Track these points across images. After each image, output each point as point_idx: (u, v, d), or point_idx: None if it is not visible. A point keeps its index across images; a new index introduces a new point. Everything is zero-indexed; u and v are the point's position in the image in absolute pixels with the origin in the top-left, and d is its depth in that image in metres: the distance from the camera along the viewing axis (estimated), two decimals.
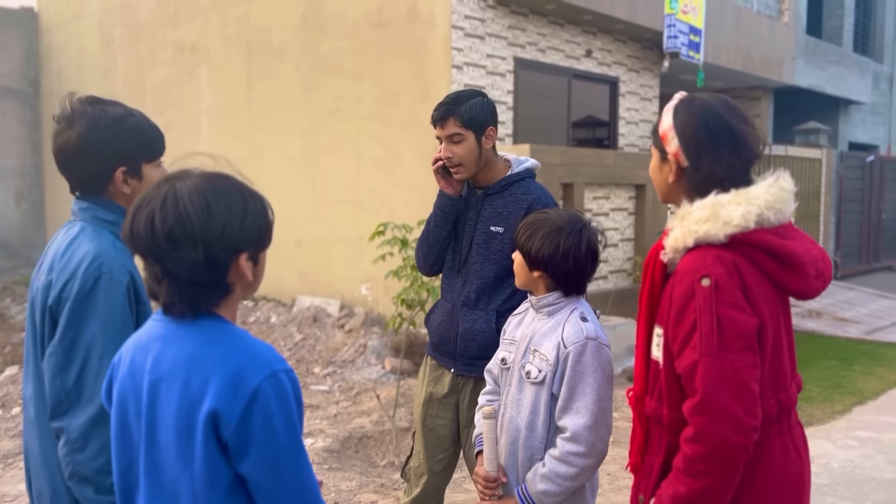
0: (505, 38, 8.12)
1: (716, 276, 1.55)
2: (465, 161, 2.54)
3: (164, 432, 1.28)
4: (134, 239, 1.28)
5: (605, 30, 9.32)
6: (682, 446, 1.54)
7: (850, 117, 15.21)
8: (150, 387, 1.30)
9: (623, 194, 8.14)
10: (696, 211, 1.60)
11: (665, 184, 1.72)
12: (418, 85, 7.81)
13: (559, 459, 1.92)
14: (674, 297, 1.59)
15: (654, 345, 1.68)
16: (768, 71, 11.74)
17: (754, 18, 11.42)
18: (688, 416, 1.53)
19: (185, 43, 10.64)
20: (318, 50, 8.75)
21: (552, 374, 1.96)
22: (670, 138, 1.67)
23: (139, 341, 1.35)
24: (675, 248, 1.63)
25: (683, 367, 1.55)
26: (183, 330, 1.30)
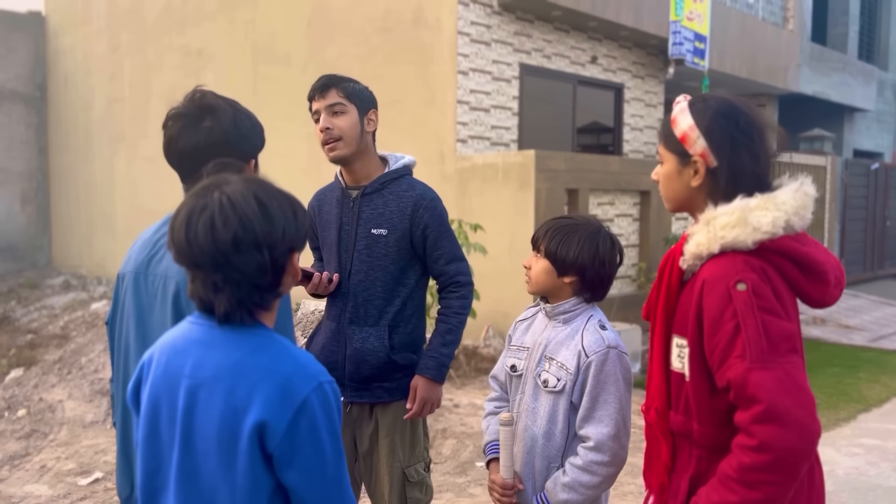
0: (510, 45, 8.14)
1: (751, 281, 1.49)
2: (345, 135, 2.36)
3: (203, 439, 1.26)
4: (192, 248, 1.25)
5: (611, 36, 9.34)
6: (739, 454, 1.44)
7: (854, 125, 15.20)
8: (189, 391, 1.28)
9: (628, 200, 8.15)
10: (723, 216, 1.53)
11: (685, 189, 1.62)
12: (424, 90, 7.83)
13: (582, 469, 1.91)
14: (706, 306, 1.51)
15: (675, 356, 1.61)
16: (773, 78, 11.75)
17: (759, 25, 11.43)
18: (747, 427, 1.44)
19: (191, 47, 10.68)
20: (324, 55, 8.78)
21: (572, 383, 1.95)
22: (694, 139, 1.58)
23: (175, 344, 1.32)
24: (698, 255, 1.56)
25: (733, 378, 1.45)
26: (227, 336, 1.29)
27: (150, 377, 1.33)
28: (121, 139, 12.05)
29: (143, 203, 11.56)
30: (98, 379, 6.55)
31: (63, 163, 13.42)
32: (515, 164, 6.97)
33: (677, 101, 1.68)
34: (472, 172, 7.37)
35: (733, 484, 1.46)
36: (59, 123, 13.54)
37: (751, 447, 1.43)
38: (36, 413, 5.74)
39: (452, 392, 6.01)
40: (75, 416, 5.60)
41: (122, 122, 12.01)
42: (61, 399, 6.06)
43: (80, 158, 12.95)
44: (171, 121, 1.76)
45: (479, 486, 4.22)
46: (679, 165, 1.62)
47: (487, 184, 7.21)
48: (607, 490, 2.06)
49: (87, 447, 4.92)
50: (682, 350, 1.58)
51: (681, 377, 1.60)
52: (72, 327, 9.13)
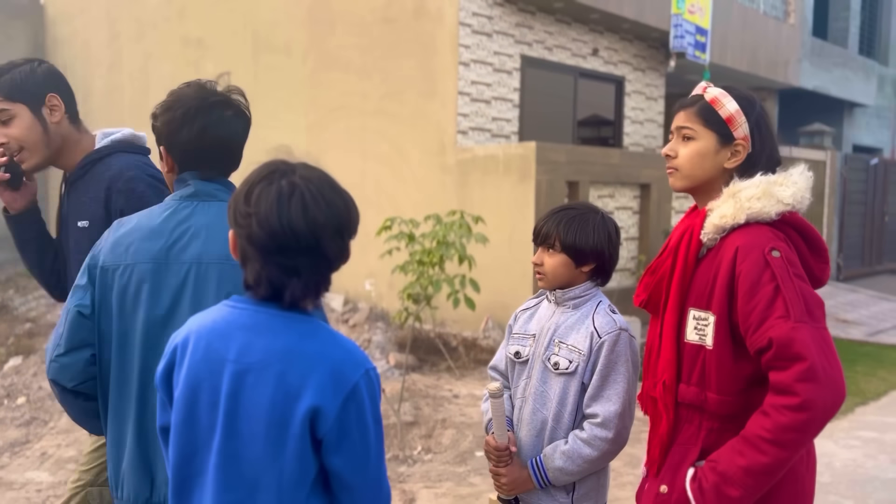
0: (512, 36, 8.13)
1: (783, 249, 1.58)
2: (26, 143, 2.06)
3: (250, 423, 1.26)
4: (285, 231, 1.23)
5: (612, 29, 9.32)
6: (776, 415, 1.48)
7: (854, 120, 15.21)
8: (235, 376, 1.27)
9: (628, 193, 8.16)
10: (747, 189, 1.63)
11: (716, 169, 1.70)
12: (425, 82, 7.82)
13: (585, 441, 1.95)
14: (743, 271, 1.56)
15: (691, 328, 1.65)
16: (774, 72, 11.74)
17: (760, 19, 11.42)
18: (790, 385, 1.47)
19: (191, 37, 10.65)
20: (325, 45, 8.76)
21: (584, 365, 1.98)
22: (740, 122, 1.68)
23: (216, 328, 1.30)
24: (721, 227, 1.63)
25: (777, 336, 1.49)
26: (275, 321, 1.28)
27: (188, 360, 1.30)
28: None
29: None
30: None
31: None
32: (516, 155, 6.97)
33: (704, 86, 1.76)
34: (472, 164, 7.36)
35: (765, 445, 1.50)
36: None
37: (790, 406, 1.47)
38: (35, 401, 5.74)
39: (452, 383, 6.03)
40: None
41: (121, 111, 11.98)
42: None
43: None
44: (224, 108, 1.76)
45: (479, 475, 4.23)
46: (718, 145, 1.69)
47: (488, 176, 7.21)
48: (606, 474, 2.09)
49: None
50: (702, 322, 1.63)
51: (696, 349, 1.65)
52: None
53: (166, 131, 1.74)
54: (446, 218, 4.81)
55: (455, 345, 6.50)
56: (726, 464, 1.55)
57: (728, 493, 1.52)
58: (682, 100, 1.78)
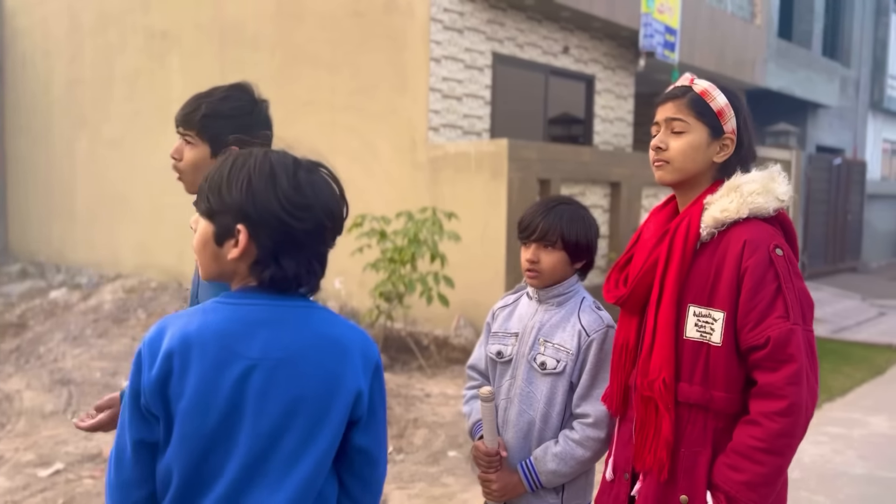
0: (483, 33, 8.08)
1: (784, 247, 1.58)
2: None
3: (283, 418, 1.24)
4: (341, 218, 1.30)
5: (583, 27, 9.33)
6: (766, 423, 1.50)
7: (818, 120, 15.47)
8: (264, 374, 1.23)
9: (599, 191, 8.17)
10: (748, 183, 1.62)
11: (705, 162, 1.68)
12: (396, 77, 7.74)
13: (578, 443, 1.91)
14: (750, 266, 1.55)
15: (692, 325, 1.62)
16: (741, 72, 11.88)
17: (728, 20, 11.54)
18: (780, 388, 1.49)
19: (155, 29, 10.42)
20: (294, 40, 8.63)
21: (573, 364, 1.94)
22: (729, 116, 1.68)
23: (229, 329, 1.24)
24: (722, 221, 1.61)
25: (775, 336, 1.50)
26: (294, 312, 1.28)
27: (195, 367, 1.22)
28: (82, 123, 11.72)
29: (106, 189, 11.27)
30: (58, 368, 6.37)
31: (20, 147, 13.01)
32: (488, 153, 6.93)
33: (689, 78, 1.73)
34: (444, 161, 7.30)
35: (761, 455, 1.50)
36: (17, 106, 13.11)
37: (779, 411, 1.49)
38: None
39: (424, 382, 5.97)
40: (34, 407, 5.42)
41: (82, 105, 11.68)
42: (19, 389, 5.87)
43: (39, 142, 12.57)
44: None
45: (452, 475, 4.18)
46: (709, 138, 1.67)
47: (460, 173, 7.16)
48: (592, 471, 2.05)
49: (46, 438, 4.76)
50: (704, 318, 1.60)
51: (697, 346, 1.62)
52: (29, 316, 8.87)
53: None
54: (418, 215, 4.74)
55: (426, 343, 6.43)
56: (726, 484, 1.54)
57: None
58: (667, 90, 1.74)
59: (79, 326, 8.03)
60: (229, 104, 1.95)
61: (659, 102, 1.74)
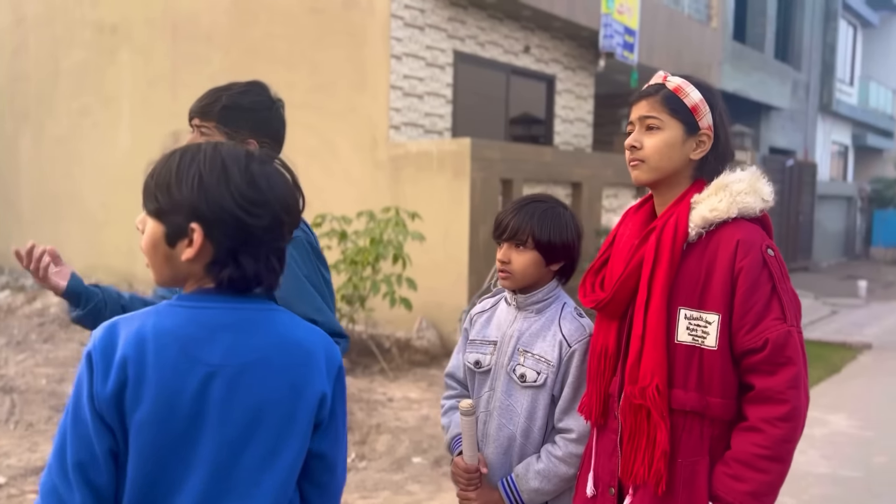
0: (445, 30, 7.98)
1: (774, 248, 1.56)
2: None
3: (249, 426, 1.17)
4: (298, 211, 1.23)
5: (543, 26, 9.30)
6: (768, 429, 1.46)
7: (770, 122, 15.77)
8: (227, 380, 1.16)
9: (560, 192, 8.14)
10: (736, 183, 1.57)
11: (682, 160, 1.61)
12: (356, 74, 7.58)
13: (561, 459, 1.81)
14: (745, 267, 1.51)
15: (683, 328, 1.55)
16: (697, 74, 11.89)
17: (685, 22, 11.65)
18: (781, 392, 1.46)
19: (104, 23, 10.06)
20: (249, 35, 8.40)
21: (554, 376, 1.84)
22: (704, 112, 1.61)
23: (187, 333, 1.16)
24: (711, 221, 1.55)
25: (774, 338, 1.47)
26: (256, 315, 1.21)
27: (151, 374, 1.14)
28: (25, 119, 11.27)
29: (51, 187, 10.85)
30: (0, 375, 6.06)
31: None
32: (450, 152, 6.83)
33: (663, 75, 1.67)
34: (405, 160, 7.18)
35: (764, 463, 1.45)
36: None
37: (780, 416, 1.45)
38: None
39: (386, 386, 5.84)
40: None
41: (26, 100, 11.23)
42: None
43: None
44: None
45: (417, 482, 4.06)
46: (684, 135, 1.61)
47: (422, 172, 7.04)
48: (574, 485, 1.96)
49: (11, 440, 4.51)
50: (695, 321, 1.54)
51: (689, 350, 1.55)
52: None
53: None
54: (381, 215, 4.61)
55: (388, 346, 6.29)
56: (730, 495, 1.48)
57: None
58: (641, 89, 1.68)
59: (23, 331, 7.69)
60: (249, 98, 1.93)
61: (633, 101, 1.67)
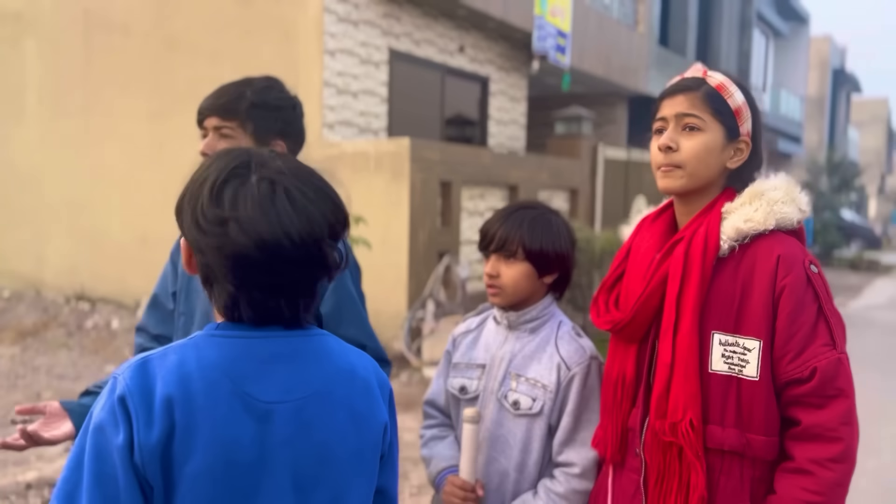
0: (379, 27, 7.72)
1: (816, 264, 1.38)
2: None
3: (315, 468, 1.03)
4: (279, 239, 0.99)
5: (478, 26, 9.16)
6: (820, 471, 1.29)
7: None
8: (289, 417, 1.01)
9: (497, 194, 8.01)
10: (771, 191, 1.42)
11: (719, 167, 1.44)
12: (286, 70, 7.21)
13: (563, 497, 1.62)
14: (789, 285, 1.34)
15: (718, 356, 1.37)
16: (626, 79, 12.15)
17: (614, 26, 11.76)
18: (834, 428, 1.30)
19: (7, 10, 9.31)
20: (171, 26, 7.91)
21: (552, 403, 1.65)
22: (746, 117, 1.45)
23: (235, 368, 0.99)
24: (745, 233, 1.38)
25: (823, 367, 1.31)
26: (305, 342, 1.05)
27: (201, 421, 0.96)
28: None
29: None
30: None
31: None
32: (389, 152, 6.58)
33: (702, 69, 1.47)
34: (340, 160, 6.88)
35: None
36: None
37: (832, 457, 1.29)
38: None
39: None
40: None
41: None
42: None
43: None
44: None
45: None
46: (725, 140, 1.43)
47: (358, 173, 6.76)
48: None
49: None
50: (731, 348, 1.36)
51: (727, 381, 1.36)
52: None
53: None
54: None
55: None
56: None
57: None
58: (676, 81, 1.49)
59: None
60: (274, 95, 1.73)
61: (665, 95, 1.48)
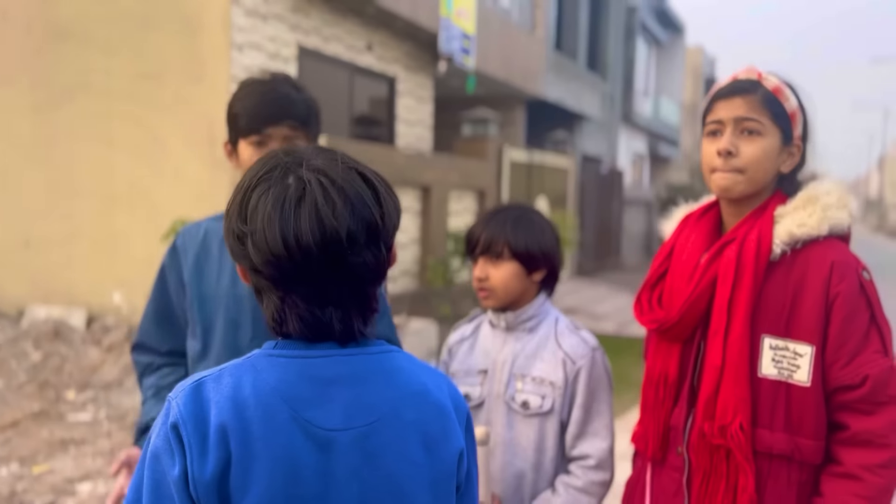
0: (288, 22, 7.49)
1: (868, 270, 1.42)
2: None
3: (387, 500, 0.94)
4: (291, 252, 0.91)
5: (386, 24, 9.08)
6: (867, 477, 1.32)
7: (583, 130, 16.75)
8: (354, 446, 0.92)
9: (411, 194, 7.97)
10: (825, 196, 1.43)
11: (774, 171, 1.46)
12: (191, 63, 6.87)
13: (582, 490, 1.66)
14: (843, 293, 1.37)
15: (769, 360, 1.40)
16: (525, 82, 12.40)
17: (515, 30, 11.98)
18: (884, 435, 1.33)
19: None
20: (57, 13, 7.35)
21: (561, 398, 1.67)
22: (799, 121, 1.46)
23: (293, 393, 0.91)
24: (798, 238, 1.41)
25: (875, 374, 1.34)
26: (369, 361, 0.96)
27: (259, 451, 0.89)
28: None
29: None
30: None
31: None
32: None
33: (757, 71, 1.46)
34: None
35: None
36: None
37: (882, 464, 1.32)
38: None
39: None
40: None
41: None
42: None
43: None
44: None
45: None
46: (781, 144, 1.44)
47: None
48: None
49: None
50: (781, 352, 1.38)
51: (776, 385, 1.39)
52: None
53: None
54: None
55: None
56: None
57: None
58: (730, 83, 1.47)
59: None
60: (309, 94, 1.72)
61: (720, 97, 1.46)
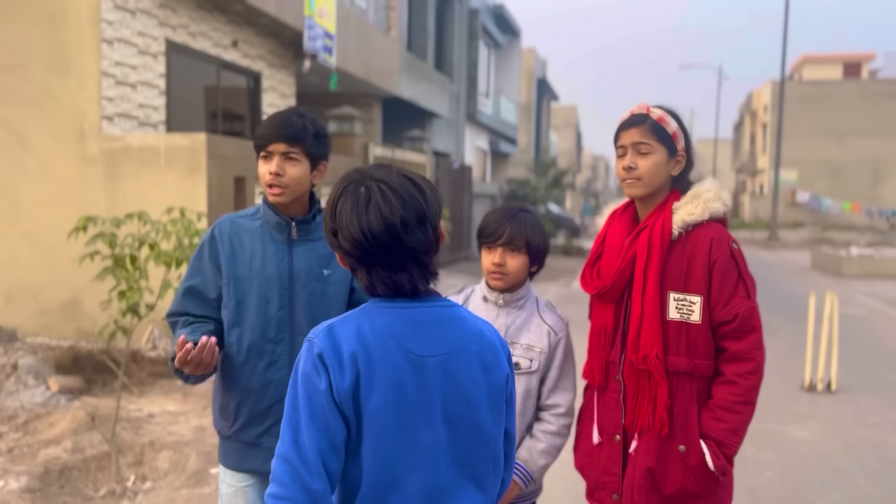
0: (156, 17, 7.43)
1: (737, 242, 2.00)
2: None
3: (465, 406, 1.34)
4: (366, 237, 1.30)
5: (251, 21, 9.16)
6: (741, 381, 1.93)
7: (434, 128, 17.44)
8: (439, 367, 1.32)
9: None
10: (707, 192, 2.00)
11: (666, 177, 2.03)
12: (55, 56, 6.68)
13: (556, 434, 2.11)
14: (718, 259, 1.95)
15: (673, 308, 1.96)
16: (382, 81, 12.83)
17: (372, 30, 12.36)
18: (749, 352, 1.93)
19: None
20: None
21: (545, 361, 2.12)
22: (680, 137, 2.03)
23: (398, 330, 1.32)
24: (689, 223, 1.97)
25: (742, 311, 1.93)
26: (444, 311, 1.37)
27: (381, 368, 1.29)
28: None
29: None
30: None
31: None
32: (183, 147, 6.43)
33: (645, 106, 2.03)
34: (124, 155, 6.55)
35: (740, 406, 1.92)
36: None
37: (749, 371, 1.93)
38: None
39: (136, 402, 5.35)
40: None
41: None
42: None
43: None
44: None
45: None
46: (667, 156, 2.01)
47: (146, 168, 6.50)
48: None
49: None
50: (681, 302, 1.96)
51: (679, 325, 1.97)
52: None
53: None
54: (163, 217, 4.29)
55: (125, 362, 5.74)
56: (715, 433, 1.93)
57: (727, 453, 1.93)
58: (627, 118, 2.04)
59: None
60: (321, 124, 2.08)
61: (623, 128, 2.04)
